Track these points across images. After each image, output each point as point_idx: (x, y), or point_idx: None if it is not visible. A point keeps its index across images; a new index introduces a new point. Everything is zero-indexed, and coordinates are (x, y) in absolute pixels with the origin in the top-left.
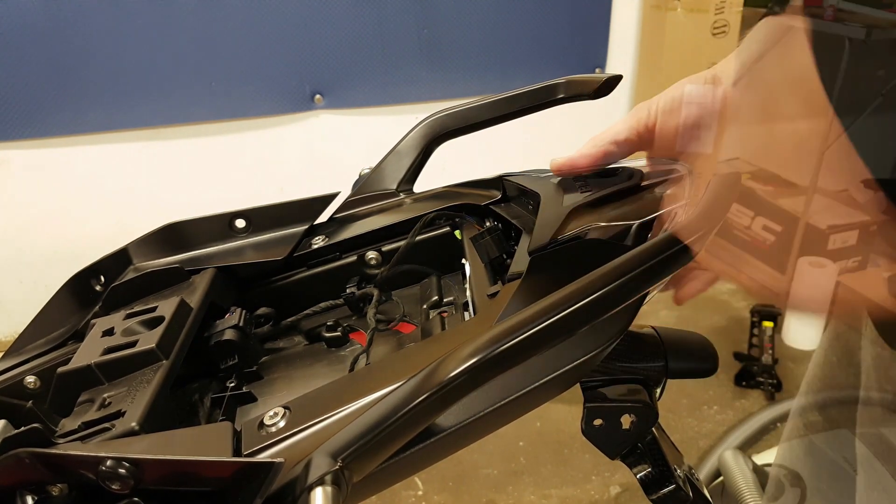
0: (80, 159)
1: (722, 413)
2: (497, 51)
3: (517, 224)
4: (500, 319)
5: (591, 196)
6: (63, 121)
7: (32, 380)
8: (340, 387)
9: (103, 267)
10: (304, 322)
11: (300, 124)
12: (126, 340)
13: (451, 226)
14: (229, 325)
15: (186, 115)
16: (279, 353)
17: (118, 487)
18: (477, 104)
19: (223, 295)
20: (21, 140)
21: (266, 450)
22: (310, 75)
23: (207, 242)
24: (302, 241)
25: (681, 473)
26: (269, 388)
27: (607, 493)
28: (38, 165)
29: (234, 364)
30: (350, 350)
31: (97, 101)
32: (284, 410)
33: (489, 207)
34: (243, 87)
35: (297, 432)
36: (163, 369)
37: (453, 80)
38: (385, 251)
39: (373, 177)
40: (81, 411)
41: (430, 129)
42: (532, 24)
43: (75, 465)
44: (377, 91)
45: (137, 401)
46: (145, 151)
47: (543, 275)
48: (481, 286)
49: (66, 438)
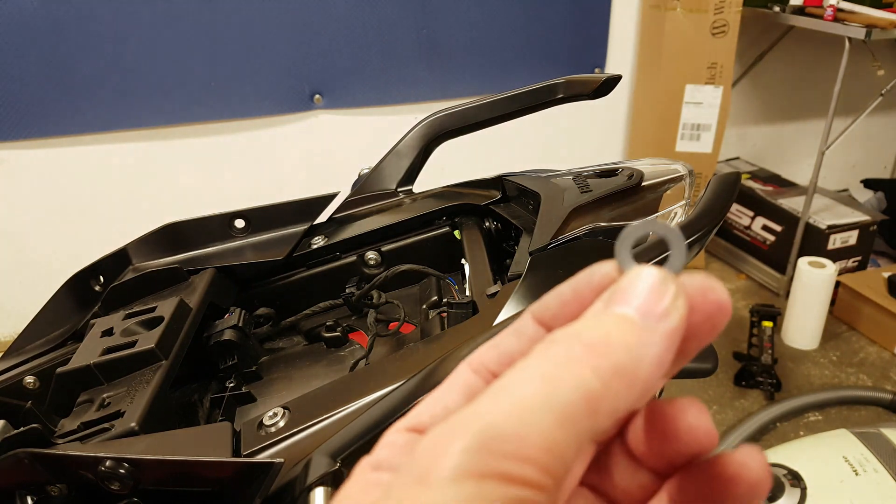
0: (80, 159)
1: (721, 413)
2: (497, 51)
3: (517, 224)
4: (500, 319)
5: (591, 196)
6: (63, 121)
7: (32, 380)
8: (340, 387)
9: (102, 267)
10: (304, 322)
11: (299, 124)
12: (125, 341)
13: (451, 226)
14: (229, 325)
15: (186, 115)
16: (279, 354)
17: (118, 488)
18: (476, 104)
19: (222, 295)
20: (21, 140)
21: (265, 450)
22: (309, 75)
23: (207, 242)
24: (301, 241)
25: None
26: (268, 388)
27: None
28: (38, 165)
29: (233, 364)
30: (349, 350)
31: (97, 101)
32: (284, 410)
33: (489, 207)
34: (243, 87)
35: (297, 432)
36: (162, 369)
37: (453, 80)
38: (384, 251)
39: (372, 177)
40: (81, 411)
41: (430, 129)
42: (531, 24)
43: (75, 466)
44: (377, 91)
45: (137, 401)
46: (145, 151)
47: (544, 274)
48: (481, 286)
49: (65, 439)
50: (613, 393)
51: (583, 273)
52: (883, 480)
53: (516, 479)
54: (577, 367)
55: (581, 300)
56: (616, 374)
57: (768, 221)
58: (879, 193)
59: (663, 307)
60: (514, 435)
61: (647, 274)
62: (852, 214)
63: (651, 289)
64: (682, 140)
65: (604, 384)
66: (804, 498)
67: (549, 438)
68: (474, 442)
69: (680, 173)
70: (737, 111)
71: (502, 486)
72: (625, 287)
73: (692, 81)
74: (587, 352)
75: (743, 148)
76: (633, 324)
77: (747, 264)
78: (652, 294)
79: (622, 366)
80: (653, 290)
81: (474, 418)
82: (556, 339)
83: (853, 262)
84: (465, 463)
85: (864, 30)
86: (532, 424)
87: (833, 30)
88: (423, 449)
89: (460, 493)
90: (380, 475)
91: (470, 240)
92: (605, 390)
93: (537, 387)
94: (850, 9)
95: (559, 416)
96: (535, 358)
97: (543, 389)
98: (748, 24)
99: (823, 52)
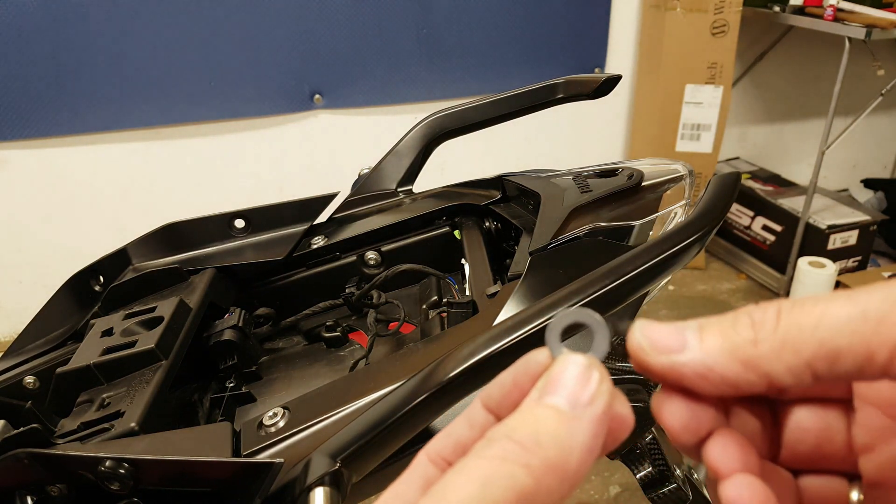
0: (79, 159)
1: None
2: (496, 51)
3: (517, 224)
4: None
5: (591, 196)
6: (63, 121)
7: (32, 380)
8: (340, 387)
9: (102, 267)
10: (304, 322)
11: (299, 124)
12: (125, 341)
13: (451, 226)
14: (229, 325)
15: (186, 115)
16: (278, 354)
17: (117, 488)
18: (476, 104)
19: (222, 295)
20: (21, 140)
21: (265, 450)
22: (309, 75)
23: (207, 242)
24: (301, 241)
25: (680, 473)
26: (268, 388)
27: (607, 493)
28: (38, 165)
29: (233, 364)
30: (349, 350)
31: (97, 101)
32: (284, 410)
33: (489, 207)
34: (243, 87)
35: (297, 432)
36: (162, 369)
37: (453, 80)
38: (384, 251)
39: (372, 177)
40: (80, 411)
41: (430, 129)
42: (531, 24)
43: (74, 466)
44: (377, 91)
45: (137, 401)
46: (145, 151)
47: (544, 274)
48: (481, 286)
49: (65, 439)
50: (546, 488)
51: (520, 361)
52: None
53: None
54: (509, 466)
55: (521, 387)
56: (548, 470)
57: (768, 221)
58: (879, 193)
59: (589, 394)
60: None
61: (574, 362)
62: (852, 214)
63: (578, 377)
64: (682, 140)
65: (536, 481)
66: None
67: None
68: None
69: (680, 173)
70: (737, 111)
71: None
72: (555, 376)
73: (692, 81)
74: (519, 450)
75: (743, 148)
76: (563, 414)
77: (747, 264)
78: (578, 382)
79: (553, 461)
80: (579, 378)
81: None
82: (492, 437)
83: (853, 262)
84: None
85: (864, 30)
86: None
87: (833, 30)
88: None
89: None
90: None
91: (470, 240)
92: (537, 486)
93: (473, 490)
94: (850, 9)
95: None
96: (472, 458)
97: (480, 493)
98: (748, 24)
99: (823, 52)
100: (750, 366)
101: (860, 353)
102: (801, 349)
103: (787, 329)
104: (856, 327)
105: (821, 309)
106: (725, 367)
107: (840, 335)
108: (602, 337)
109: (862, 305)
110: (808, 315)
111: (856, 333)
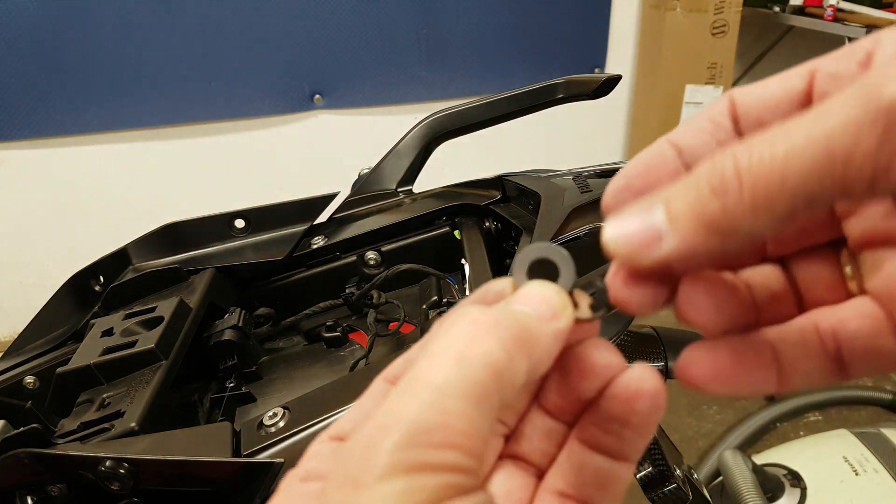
0: (80, 159)
1: (721, 413)
2: (497, 51)
3: (517, 224)
4: None
5: (591, 196)
6: (63, 121)
7: (32, 380)
8: (340, 387)
9: (102, 267)
10: (304, 322)
11: (300, 124)
12: (125, 341)
13: (451, 226)
14: (229, 325)
15: (186, 115)
16: (278, 354)
17: (117, 488)
18: (476, 104)
19: (222, 295)
20: (21, 140)
21: (266, 450)
22: (309, 75)
23: (207, 242)
24: (301, 241)
25: (680, 473)
26: (268, 388)
27: None
28: (38, 165)
29: (233, 364)
30: (349, 350)
31: (97, 100)
32: (284, 410)
33: (489, 207)
34: (243, 87)
35: (297, 432)
36: (162, 369)
37: (453, 80)
38: (384, 251)
39: (372, 177)
40: (81, 411)
41: (430, 129)
42: (531, 24)
43: (74, 466)
44: (377, 91)
45: (137, 401)
46: (145, 151)
47: None
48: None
49: (65, 439)
50: (515, 364)
51: (480, 288)
52: (883, 480)
53: (446, 466)
54: (484, 341)
55: None
56: (517, 343)
57: None
58: None
59: (553, 310)
60: (439, 425)
61: (539, 285)
62: None
63: (543, 297)
64: None
65: (508, 355)
66: (804, 498)
67: (469, 422)
68: (402, 439)
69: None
70: None
71: (433, 475)
72: (520, 295)
73: (692, 81)
74: (493, 324)
75: None
76: (529, 315)
77: None
78: (544, 301)
79: (522, 336)
80: (544, 299)
81: (399, 415)
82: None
83: None
84: (396, 460)
85: (864, 30)
86: (453, 412)
87: (833, 30)
88: (351, 452)
89: (394, 489)
90: (309, 485)
91: (470, 240)
92: (508, 362)
93: (451, 371)
94: (850, 9)
95: (474, 398)
96: (444, 338)
97: (458, 373)
98: (748, 24)
99: (823, 52)
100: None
101: (837, 192)
102: (775, 206)
103: (754, 188)
104: (825, 172)
105: (782, 153)
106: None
107: (810, 180)
108: (567, 271)
109: (824, 142)
110: (770, 166)
111: (826, 178)
